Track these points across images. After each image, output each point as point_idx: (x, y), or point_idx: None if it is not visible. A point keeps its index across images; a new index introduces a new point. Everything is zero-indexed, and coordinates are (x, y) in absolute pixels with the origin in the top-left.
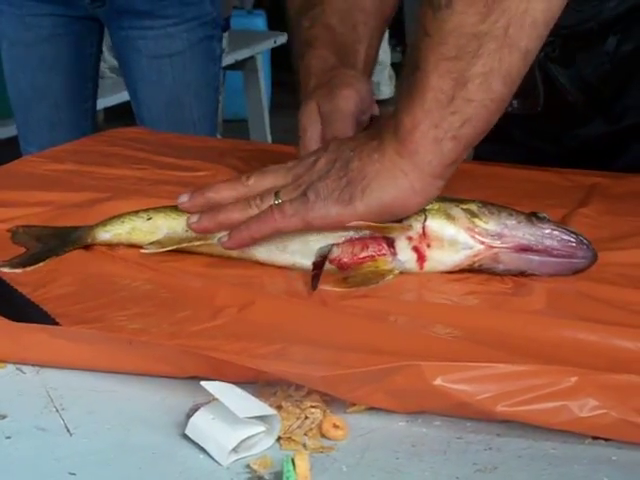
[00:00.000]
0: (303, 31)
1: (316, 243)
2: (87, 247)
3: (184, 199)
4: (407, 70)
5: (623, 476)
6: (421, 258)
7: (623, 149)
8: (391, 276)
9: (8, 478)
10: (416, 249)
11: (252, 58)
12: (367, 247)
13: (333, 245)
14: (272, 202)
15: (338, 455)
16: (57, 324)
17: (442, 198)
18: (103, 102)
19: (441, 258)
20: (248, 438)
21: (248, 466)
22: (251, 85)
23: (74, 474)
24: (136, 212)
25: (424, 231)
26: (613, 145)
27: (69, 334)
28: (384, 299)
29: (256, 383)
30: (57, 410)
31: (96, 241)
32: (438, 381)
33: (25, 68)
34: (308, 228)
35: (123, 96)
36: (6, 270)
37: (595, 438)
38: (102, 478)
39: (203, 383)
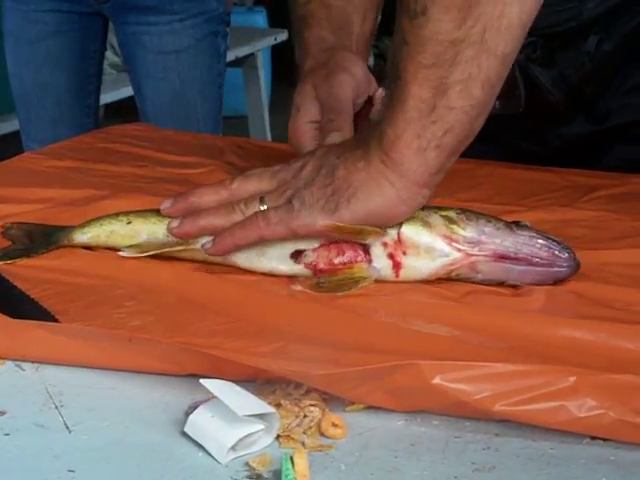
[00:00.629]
0: (299, 6)
1: (293, 249)
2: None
3: (167, 204)
4: (388, 80)
5: (621, 476)
6: (397, 265)
7: (606, 149)
8: (366, 283)
9: (7, 475)
10: (391, 256)
11: (252, 55)
12: (343, 253)
13: (308, 250)
14: (257, 208)
15: (337, 454)
16: (56, 321)
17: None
18: (103, 98)
19: (417, 266)
20: (247, 436)
21: (247, 464)
22: (251, 82)
23: (73, 471)
24: (116, 215)
25: (399, 237)
26: (596, 145)
27: (68, 331)
28: (381, 297)
29: (255, 381)
30: (56, 407)
31: (73, 242)
32: (437, 380)
33: (29, 64)
34: (293, 236)
35: (123, 92)
36: None
37: (593, 438)
38: (101, 475)
39: (202, 381)
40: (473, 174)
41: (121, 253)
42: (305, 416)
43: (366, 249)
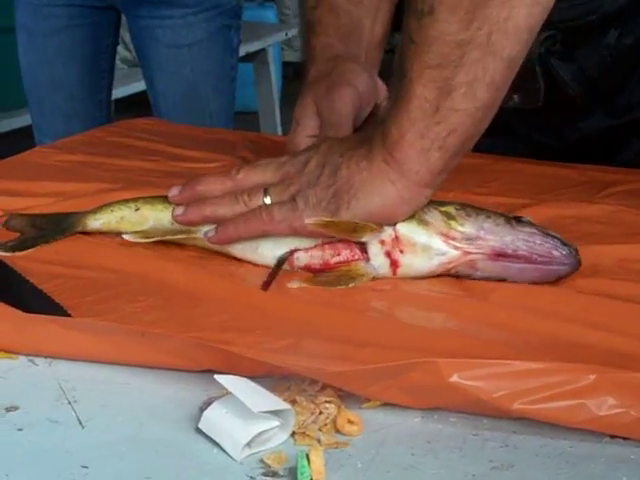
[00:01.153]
0: (308, 11)
1: (285, 247)
2: (94, 236)
3: (175, 192)
4: (395, 78)
5: None
6: (394, 264)
7: (625, 144)
8: (364, 280)
9: (20, 471)
10: (389, 254)
11: (263, 50)
12: (339, 252)
13: (300, 250)
14: (260, 200)
15: (353, 451)
16: (69, 316)
17: None
18: (114, 93)
19: (414, 264)
20: (262, 433)
21: (262, 461)
22: (262, 77)
23: (86, 467)
24: (126, 201)
25: (396, 235)
26: (615, 140)
27: (81, 325)
28: (391, 293)
29: (270, 377)
30: (69, 402)
31: (87, 228)
32: (454, 378)
33: (42, 59)
34: (295, 234)
35: (134, 87)
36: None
37: (613, 437)
38: (115, 471)
39: (217, 377)
40: (489, 169)
41: (124, 236)
42: (321, 413)
43: (363, 248)
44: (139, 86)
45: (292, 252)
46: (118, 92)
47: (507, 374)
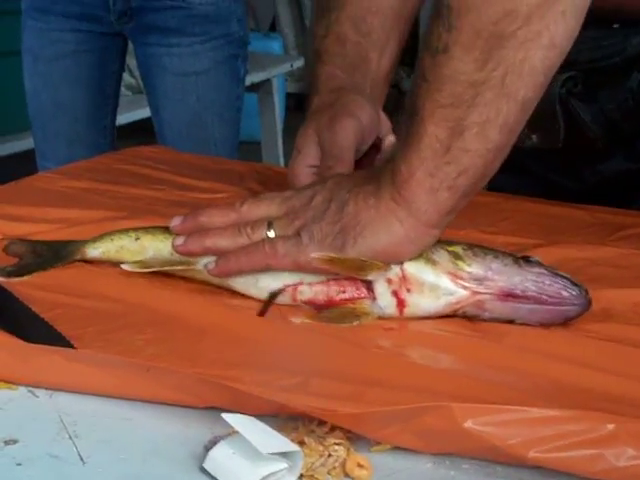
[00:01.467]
0: (317, 40)
1: (286, 281)
2: (95, 265)
3: (176, 222)
4: (406, 115)
5: None
6: (400, 303)
7: None
8: (369, 318)
9: None
10: (396, 293)
11: (268, 81)
12: (344, 290)
13: (304, 285)
14: (264, 233)
15: None
16: (72, 346)
17: None
18: (118, 119)
19: (421, 304)
20: (270, 475)
21: None
22: (266, 108)
23: None
24: (126, 230)
25: (403, 274)
26: (633, 184)
27: (84, 357)
28: (402, 331)
29: (277, 417)
30: (70, 437)
31: (86, 257)
32: (469, 423)
33: (47, 83)
34: (299, 270)
35: (138, 114)
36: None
37: None
38: None
39: (224, 415)
40: (499, 207)
41: (123, 266)
42: (330, 455)
43: (369, 286)
44: (143, 113)
45: (287, 287)
46: (122, 118)
47: (523, 421)
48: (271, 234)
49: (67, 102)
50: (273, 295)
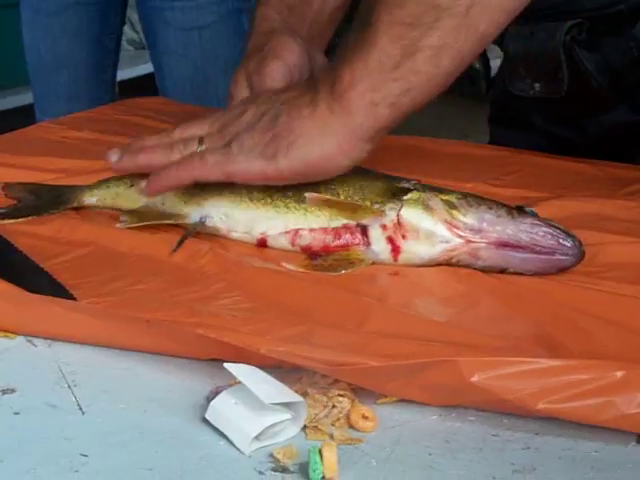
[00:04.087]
0: None
1: (287, 226)
2: (94, 213)
3: (115, 153)
4: (358, 24)
5: None
6: (395, 249)
7: None
8: (363, 265)
9: (16, 456)
10: (390, 240)
11: None
12: (340, 236)
13: (305, 230)
14: (195, 149)
15: (367, 448)
16: (72, 297)
17: (423, 187)
18: (120, 74)
19: (417, 250)
20: (272, 425)
21: (272, 455)
22: None
23: (86, 455)
24: (121, 177)
25: (399, 220)
26: (637, 136)
27: (84, 309)
28: (407, 280)
29: (280, 368)
30: (69, 387)
31: (83, 204)
32: (475, 377)
33: (46, 36)
34: (229, 180)
35: (140, 69)
36: None
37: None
38: (115, 461)
39: (227, 365)
40: (508, 161)
41: (118, 225)
42: (334, 406)
43: (364, 231)
44: (146, 68)
45: (288, 231)
46: (124, 74)
47: (530, 372)
48: (202, 149)
49: (67, 55)
50: (189, 232)
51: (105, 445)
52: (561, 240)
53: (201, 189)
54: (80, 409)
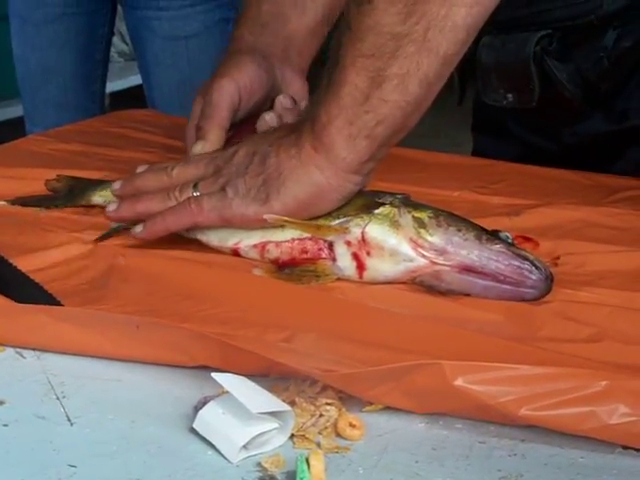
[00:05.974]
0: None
1: (260, 240)
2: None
3: (117, 186)
4: (329, 63)
5: None
6: (360, 266)
7: (623, 152)
8: (328, 280)
9: (4, 467)
10: (355, 256)
11: None
12: (307, 251)
13: (272, 243)
14: (190, 194)
15: (354, 456)
16: (60, 304)
17: (404, 201)
18: (110, 86)
19: (381, 268)
20: (260, 435)
21: (259, 464)
22: None
23: (74, 466)
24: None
25: (363, 237)
26: (612, 147)
27: (72, 315)
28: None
29: (267, 377)
30: (58, 398)
31: (91, 203)
32: (459, 381)
33: (35, 47)
34: (226, 224)
35: (130, 81)
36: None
37: (625, 448)
38: (104, 471)
39: (214, 375)
40: (489, 170)
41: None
42: (321, 415)
43: (330, 246)
44: (136, 80)
45: (256, 245)
46: (115, 85)
47: (514, 378)
48: (196, 194)
49: (55, 66)
50: (114, 229)
51: (94, 456)
52: (526, 273)
53: None
54: (69, 420)
